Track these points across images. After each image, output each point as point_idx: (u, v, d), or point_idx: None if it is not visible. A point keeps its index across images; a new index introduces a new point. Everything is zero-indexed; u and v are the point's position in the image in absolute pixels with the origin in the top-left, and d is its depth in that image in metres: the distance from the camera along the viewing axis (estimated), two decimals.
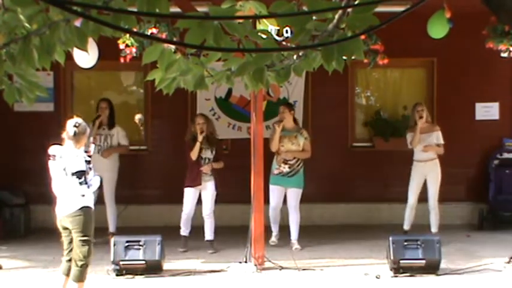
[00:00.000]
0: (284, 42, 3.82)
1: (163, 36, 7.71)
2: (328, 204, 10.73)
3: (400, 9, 2.94)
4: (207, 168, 8.95)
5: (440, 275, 7.69)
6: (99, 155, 9.29)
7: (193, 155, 8.87)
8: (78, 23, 3.03)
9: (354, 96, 11.19)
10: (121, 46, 7.95)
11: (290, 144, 9.17)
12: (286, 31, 4.91)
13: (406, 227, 9.39)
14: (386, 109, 11.09)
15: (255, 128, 8.19)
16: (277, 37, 3.96)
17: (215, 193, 9.01)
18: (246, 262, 7.99)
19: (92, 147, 6.62)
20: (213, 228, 9.00)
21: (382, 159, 10.43)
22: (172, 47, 3.44)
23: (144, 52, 3.44)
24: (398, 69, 11.11)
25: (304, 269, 7.99)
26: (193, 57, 3.55)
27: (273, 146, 9.05)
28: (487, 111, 10.88)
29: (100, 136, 9.46)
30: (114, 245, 7.69)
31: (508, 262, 8.10)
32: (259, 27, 3.91)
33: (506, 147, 10.66)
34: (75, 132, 6.25)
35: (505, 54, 8.59)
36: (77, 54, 7.17)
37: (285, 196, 9.27)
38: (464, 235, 9.82)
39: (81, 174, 6.16)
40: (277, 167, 9.15)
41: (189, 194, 8.98)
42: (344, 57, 3.17)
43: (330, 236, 9.82)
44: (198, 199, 9.08)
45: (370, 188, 10.73)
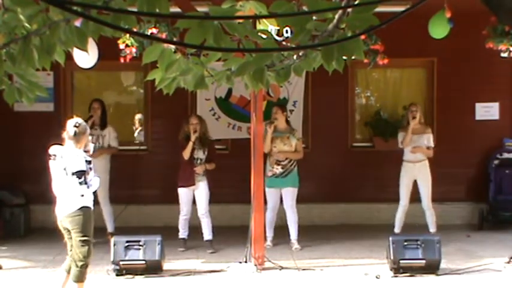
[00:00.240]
0: (284, 42, 3.82)
1: (163, 36, 7.71)
2: (327, 204, 10.73)
3: (400, 9, 2.93)
4: (200, 168, 8.97)
5: (440, 275, 7.69)
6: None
7: (186, 154, 8.89)
8: (78, 23, 3.03)
9: (354, 96, 11.19)
10: (121, 46, 7.96)
11: (282, 145, 9.17)
12: (286, 31, 4.91)
13: (397, 229, 9.34)
14: (386, 109, 11.09)
15: (255, 128, 8.19)
16: (277, 37, 3.95)
17: (209, 192, 9.03)
18: (246, 262, 7.99)
19: (91, 146, 6.62)
20: (211, 227, 9.01)
21: (382, 159, 10.42)
22: (172, 47, 3.43)
23: (144, 52, 3.44)
24: (398, 69, 11.11)
25: (304, 269, 7.99)
26: (193, 57, 3.55)
27: (265, 147, 9.02)
28: (487, 111, 10.87)
29: (92, 136, 9.46)
30: (114, 245, 7.69)
31: (508, 262, 8.10)
32: (259, 27, 3.91)
33: (506, 147, 10.66)
34: (75, 132, 6.25)
35: (505, 54, 8.59)
36: (77, 54, 7.16)
37: (281, 197, 9.27)
38: (464, 235, 9.82)
39: (81, 174, 6.17)
40: (271, 168, 9.14)
41: (183, 194, 9.00)
42: (344, 57, 3.17)
43: (330, 236, 9.82)
44: (192, 199, 9.11)
45: (370, 188, 10.73)
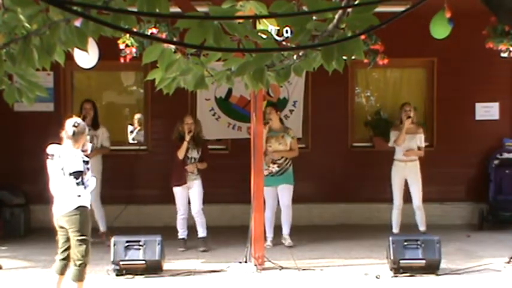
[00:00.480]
0: (284, 42, 3.82)
1: (163, 36, 7.71)
2: (327, 204, 10.73)
3: (400, 9, 2.93)
4: (191, 167, 9.00)
5: (440, 275, 7.69)
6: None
7: (180, 154, 8.91)
8: (78, 23, 3.03)
9: (354, 96, 11.19)
10: (121, 46, 7.96)
11: (277, 144, 9.22)
12: (286, 31, 4.91)
13: (396, 229, 9.35)
14: (386, 109, 11.08)
15: (255, 128, 8.19)
16: (277, 37, 3.96)
17: (202, 191, 9.06)
18: (246, 262, 7.99)
19: (89, 146, 6.61)
20: (205, 226, 9.05)
21: (382, 159, 10.41)
22: (172, 47, 3.43)
23: (144, 52, 3.43)
24: (398, 69, 11.11)
25: (304, 269, 7.99)
26: (193, 57, 3.55)
27: None
28: (487, 111, 10.87)
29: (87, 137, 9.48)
30: (114, 245, 7.69)
31: (508, 262, 8.10)
32: (259, 27, 3.91)
33: (506, 147, 10.66)
34: (74, 132, 6.24)
35: (505, 54, 8.59)
36: (78, 55, 7.16)
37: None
38: (464, 235, 9.82)
39: (79, 175, 6.16)
40: (267, 167, 9.15)
41: (178, 194, 9.03)
42: (344, 57, 3.17)
43: (330, 236, 9.82)
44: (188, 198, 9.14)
45: (370, 188, 10.73)
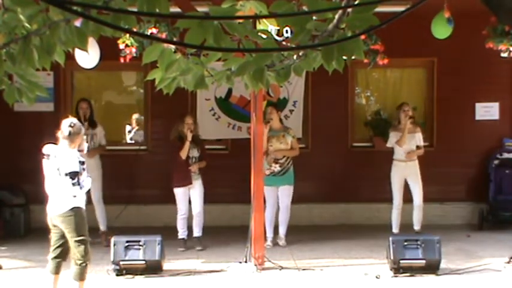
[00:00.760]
0: (284, 42, 3.82)
1: (163, 36, 7.71)
2: (328, 204, 10.73)
3: (400, 9, 2.93)
4: (195, 167, 9.04)
5: (440, 275, 7.69)
6: (85, 155, 9.34)
7: (183, 154, 8.93)
8: (78, 23, 3.03)
9: (354, 96, 11.19)
10: (121, 46, 7.96)
11: (279, 143, 9.24)
12: (286, 31, 4.91)
13: (396, 229, 9.35)
14: (386, 109, 11.08)
15: (255, 128, 8.19)
16: (277, 37, 3.95)
17: (203, 191, 9.10)
18: (246, 262, 7.99)
19: (85, 146, 6.62)
20: (202, 226, 9.10)
21: (382, 159, 10.41)
22: (172, 47, 3.43)
23: (144, 52, 3.43)
24: (399, 69, 11.10)
25: (304, 269, 7.99)
26: (193, 57, 3.55)
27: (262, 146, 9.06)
28: (487, 111, 10.87)
29: (86, 136, 9.50)
30: (114, 245, 7.69)
31: (508, 262, 8.10)
32: (259, 27, 3.91)
33: (506, 147, 10.65)
34: (70, 132, 6.25)
35: (505, 54, 8.59)
36: (79, 55, 7.16)
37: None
38: (464, 235, 9.82)
39: (75, 175, 6.16)
40: (268, 167, 9.17)
41: (181, 194, 9.04)
42: (344, 57, 3.17)
43: (330, 236, 9.82)
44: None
45: (370, 188, 10.72)
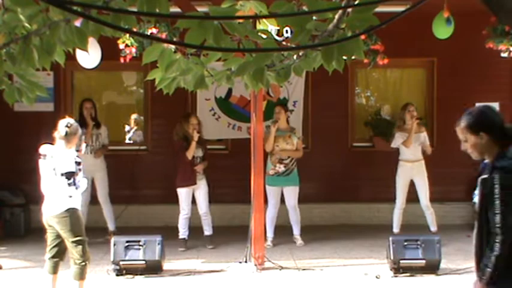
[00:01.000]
0: (284, 42, 3.82)
1: (163, 36, 7.71)
2: (328, 204, 10.73)
3: (400, 9, 2.93)
4: (200, 166, 9.06)
5: (440, 275, 7.69)
6: (91, 155, 9.39)
7: (189, 154, 8.95)
8: (78, 23, 3.03)
9: (354, 96, 11.20)
10: (121, 46, 7.96)
11: (285, 144, 9.23)
12: (286, 31, 4.90)
13: (396, 229, 9.35)
14: (387, 109, 11.08)
15: (255, 128, 8.19)
16: (277, 37, 3.95)
17: (208, 190, 9.12)
18: (246, 262, 7.99)
19: (83, 146, 6.62)
20: (211, 224, 9.15)
21: (382, 159, 10.41)
22: (172, 47, 3.44)
23: (144, 52, 3.44)
24: (398, 69, 11.11)
25: (304, 269, 7.99)
26: (193, 57, 3.55)
27: (268, 146, 9.08)
28: None
29: (92, 136, 9.53)
30: (114, 245, 7.69)
31: None
32: (259, 27, 3.91)
33: None
34: (66, 133, 6.26)
35: (505, 54, 8.60)
36: (80, 55, 7.15)
37: (282, 196, 9.29)
38: (464, 235, 9.80)
39: (70, 175, 6.16)
40: (273, 167, 9.18)
41: (184, 194, 9.04)
42: (344, 57, 3.17)
43: (330, 236, 9.82)
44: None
45: (370, 188, 10.73)
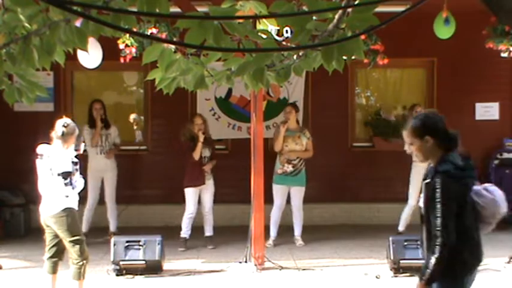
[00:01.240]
0: (284, 42, 3.82)
1: (163, 36, 7.72)
2: (328, 204, 10.73)
3: (400, 9, 2.93)
4: (208, 166, 9.09)
5: None
6: (102, 155, 9.45)
7: (196, 155, 8.96)
8: (78, 23, 3.03)
9: (354, 96, 11.20)
10: (121, 46, 7.96)
11: (294, 144, 9.21)
12: (286, 31, 4.91)
13: (401, 228, 9.36)
14: (387, 109, 11.08)
15: (255, 128, 8.19)
16: (277, 37, 3.95)
17: (214, 190, 9.17)
18: (246, 262, 7.99)
19: (82, 146, 6.63)
20: (212, 224, 9.18)
21: (382, 159, 10.42)
22: (172, 47, 3.44)
23: (144, 52, 3.44)
24: (399, 69, 11.11)
25: (304, 269, 7.99)
26: (193, 57, 3.55)
27: (277, 145, 9.10)
28: (487, 111, 10.87)
29: (102, 136, 9.54)
30: (114, 245, 7.69)
31: (508, 262, 8.10)
32: (259, 27, 3.91)
33: (506, 147, 10.65)
34: (63, 132, 6.26)
35: (505, 54, 8.60)
36: (82, 55, 7.15)
37: (288, 195, 9.30)
38: None
39: (67, 175, 6.17)
40: (281, 166, 9.19)
41: (192, 194, 9.05)
42: (344, 57, 3.17)
43: (330, 236, 9.82)
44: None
45: (370, 188, 10.73)
